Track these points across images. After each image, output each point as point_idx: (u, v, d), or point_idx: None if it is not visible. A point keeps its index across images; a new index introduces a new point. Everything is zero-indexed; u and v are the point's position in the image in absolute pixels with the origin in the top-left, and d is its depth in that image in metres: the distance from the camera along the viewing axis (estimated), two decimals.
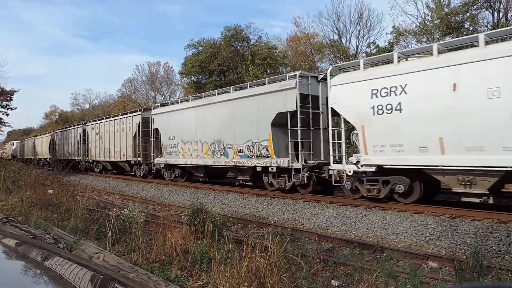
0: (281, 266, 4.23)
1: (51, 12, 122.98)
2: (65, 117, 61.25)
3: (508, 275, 4.93)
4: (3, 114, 28.66)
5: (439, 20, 19.93)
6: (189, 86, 34.42)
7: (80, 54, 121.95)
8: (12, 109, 28.87)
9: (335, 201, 10.34)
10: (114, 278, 1.44)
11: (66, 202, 8.50)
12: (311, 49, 29.43)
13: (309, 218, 9.54)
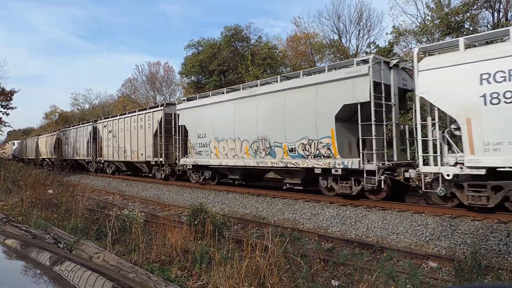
0: (281, 266, 4.23)
1: (51, 12, 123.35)
2: (65, 117, 61.19)
3: (508, 275, 4.94)
4: (3, 114, 28.70)
5: (439, 20, 19.92)
6: (189, 86, 34.42)
7: (80, 54, 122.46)
8: (12, 108, 28.91)
9: (335, 201, 10.35)
10: None
11: (66, 202, 8.51)
12: (311, 49, 29.43)
13: (309, 218, 9.54)
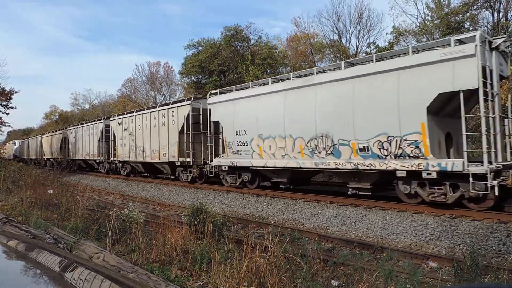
0: (281, 266, 4.24)
1: (51, 12, 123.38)
2: (65, 117, 61.18)
3: (508, 275, 4.94)
4: (3, 114, 28.74)
5: (439, 20, 19.95)
6: (189, 86, 34.41)
7: (80, 54, 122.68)
8: (12, 108, 28.95)
9: (335, 201, 10.35)
10: None
11: (66, 202, 8.52)
12: (311, 49, 29.41)
13: (309, 218, 9.54)
